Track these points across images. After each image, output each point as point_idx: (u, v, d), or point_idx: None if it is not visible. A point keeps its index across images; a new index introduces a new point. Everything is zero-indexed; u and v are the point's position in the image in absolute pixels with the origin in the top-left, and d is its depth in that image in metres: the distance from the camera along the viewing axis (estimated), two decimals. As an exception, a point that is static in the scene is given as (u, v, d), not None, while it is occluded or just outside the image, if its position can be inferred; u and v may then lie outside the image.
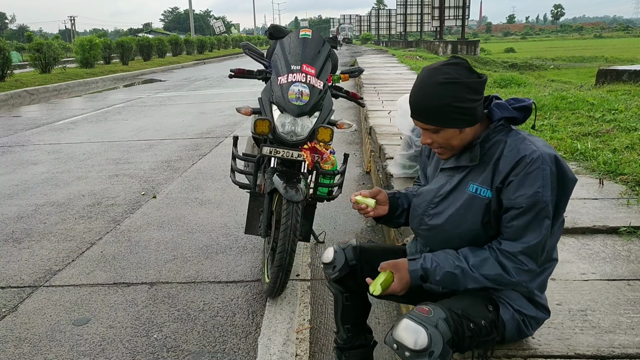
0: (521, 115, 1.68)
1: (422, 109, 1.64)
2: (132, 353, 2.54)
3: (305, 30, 3.10)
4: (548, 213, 1.58)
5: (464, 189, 1.71)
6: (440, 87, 1.60)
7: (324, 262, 1.99)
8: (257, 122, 2.90)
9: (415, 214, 1.85)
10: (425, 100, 1.63)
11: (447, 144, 1.67)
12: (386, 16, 65.40)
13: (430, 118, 1.64)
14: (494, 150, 1.66)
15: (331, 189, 3.18)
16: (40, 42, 20.14)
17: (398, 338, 1.49)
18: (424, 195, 1.84)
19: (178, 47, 36.04)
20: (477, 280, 1.63)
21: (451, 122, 1.63)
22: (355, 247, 1.96)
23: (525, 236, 1.59)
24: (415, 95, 1.67)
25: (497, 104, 1.70)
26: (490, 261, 1.62)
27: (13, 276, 3.42)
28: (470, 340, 1.56)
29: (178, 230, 4.16)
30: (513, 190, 1.59)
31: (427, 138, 1.69)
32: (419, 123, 1.69)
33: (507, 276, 1.61)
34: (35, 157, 7.09)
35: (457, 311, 1.56)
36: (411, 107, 1.69)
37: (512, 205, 1.59)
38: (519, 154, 1.60)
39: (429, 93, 1.62)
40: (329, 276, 1.98)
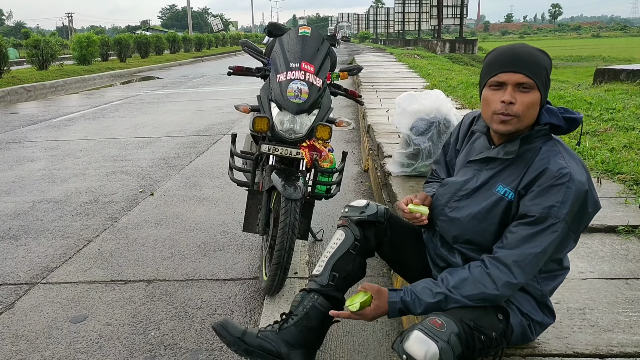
0: (566, 125, 1.66)
1: (525, 61, 1.59)
2: (129, 350, 2.54)
3: (304, 27, 3.10)
4: (558, 229, 1.55)
5: (492, 189, 1.69)
6: (540, 52, 1.64)
7: (352, 205, 1.97)
8: (255, 119, 2.89)
9: (438, 203, 1.85)
10: (529, 54, 1.62)
11: (526, 110, 1.60)
12: (384, 15, 65.30)
13: (531, 70, 1.59)
14: (530, 155, 1.64)
15: (329, 187, 3.17)
16: (37, 39, 20.04)
17: (408, 349, 1.47)
18: (449, 186, 1.83)
19: (176, 45, 35.96)
20: (459, 302, 1.61)
21: (542, 83, 1.60)
22: (387, 210, 1.98)
23: (523, 246, 1.57)
24: (516, 49, 1.63)
25: (548, 109, 1.67)
26: (469, 281, 1.60)
27: (10, 273, 3.41)
28: (481, 352, 1.56)
29: (175, 228, 4.15)
30: (531, 198, 1.58)
31: (512, 96, 1.59)
32: (511, 75, 1.59)
33: (489, 291, 1.59)
34: (32, 153, 7.07)
35: (469, 323, 1.54)
36: (510, 58, 1.61)
37: (525, 212, 1.58)
38: (548, 165, 1.58)
39: (531, 50, 1.63)
40: (350, 219, 1.93)
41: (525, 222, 1.58)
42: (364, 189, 4.95)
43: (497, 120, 1.63)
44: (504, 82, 1.60)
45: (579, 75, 20.56)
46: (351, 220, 1.91)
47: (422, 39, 45.80)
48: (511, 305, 1.70)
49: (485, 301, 1.60)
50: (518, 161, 1.66)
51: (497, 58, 1.65)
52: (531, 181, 1.60)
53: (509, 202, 1.65)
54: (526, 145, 1.65)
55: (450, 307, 1.61)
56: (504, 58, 1.62)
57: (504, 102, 1.59)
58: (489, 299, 1.60)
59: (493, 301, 1.61)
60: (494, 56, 1.67)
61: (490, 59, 1.69)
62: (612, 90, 8.99)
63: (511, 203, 1.65)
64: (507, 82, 1.60)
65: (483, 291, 1.58)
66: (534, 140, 1.65)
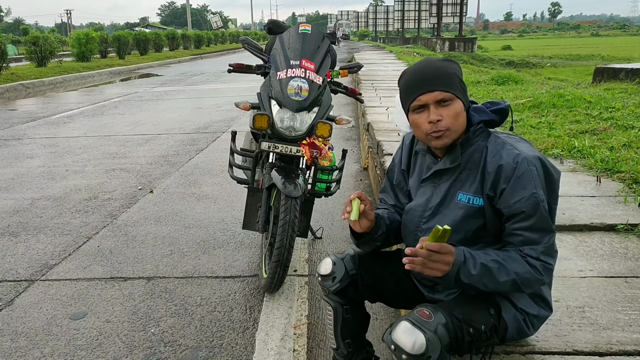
0: (498, 117, 1.71)
1: (435, 78, 1.63)
2: (129, 347, 2.54)
3: (304, 25, 3.09)
4: (547, 210, 1.59)
5: (454, 199, 1.71)
6: (444, 61, 1.70)
7: (321, 274, 1.90)
8: (256, 117, 2.89)
9: (408, 231, 1.84)
10: (436, 70, 1.65)
11: (455, 121, 1.63)
12: (384, 13, 65.25)
13: (445, 85, 1.63)
14: (478, 156, 1.67)
15: (329, 185, 3.17)
16: (36, 36, 20.02)
17: (396, 340, 1.48)
18: (413, 211, 1.82)
19: (175, 42, 35.93)
20: (509, 274, 1.56)
21: (459, 91, 1.65)
22: (354, 256, 1.91)
23: (540, 238, 1.58)
24: (423, 69, 1.67)
25: (475, 108, 1.72)
26: (519, 260, 1.58)
27: (9, 270, 3.41)
28: (470, 345, 1.56)
29: (175, 225, 4.15)
30: (509, 197, 1.59)
31: (436, 115, 1.62)
32: (430, 95, 1.63)
33: (537, 275, 1.58)
34: (32, 150, 7.06)
35: (458, 316, 1.55)
36: (421, 81, 1.65)
37: (513, 212, 1.59)
38: (502, 160, 1.61)
39: (437, 65, 1.67)
40: (327, 289, 1.90)
41: (520, 218, 1.59)
42: (363, 186, 4.95)
43: (431, 139, 1.68)
44: (425, 104, 1.65)
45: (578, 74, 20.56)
46: (330, 291, 1.91)
47: (421, 37, 45.74)
48: (503, 300, 1.70)
49: (530, 283, 1.58)
50: (469, 165, 1.68)
51: (411, 82, 1.69)
52: (495, 181, 1.61)
53: (479, 208, 1.66)
54: (468, 148, 1.69)
55: (501, 280, 1.56)
56: (416, 80, 1.67)
57: (432, 122, 1.64)
58: (533, 282, 1.59)
59: (536, 285, 1.61)
60: (406, 81, 1.72)
61: (404, 84, 1.73)
62: (612, 89, 8.99)
63: (482, 208, 1.66)
64: (427, 103, 1.65)
65: (530, 271, 1.57)
66: (474, 141, 1.69)
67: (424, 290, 1.86)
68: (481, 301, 1.67)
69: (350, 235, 1.94)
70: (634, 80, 10.05)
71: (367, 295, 1.93)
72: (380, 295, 1.95)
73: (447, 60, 1.71)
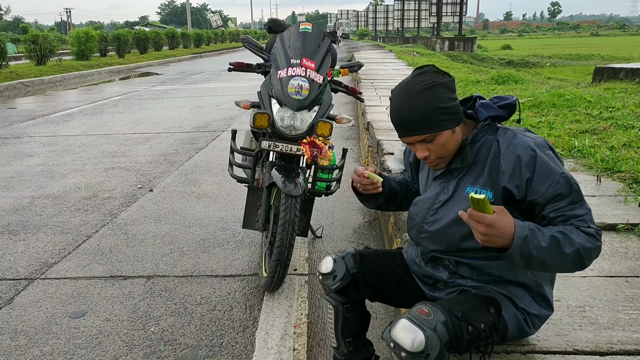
0: (505, 112, 1.70)
1: (412, 122, 1.61)
2: (128, 346, 2.53)
3: (305, 24, 3.09)
4: (577, 184, 1.58)
5: (462, 193, 1.70)
6: (421, 94, 1.60)
7: (322, 272, 1.90)
8: (256, 115, 2.88)
9: (414, 223, 1.84)
10: (412, 112, 1.60)
11: (444, 150, 1.65)
12: (383, 12, 65.19)
13: (423, 127, 1.61)
14: (486, 150, 1.67)
15: (329, 184, 3.17)
16: (35, 34, 19.97)
17: (395, 337, 1.48)
18: (421, 203, 1.82)
19: (175, 41, 35.88)
20: (573, 244, 1.48)
21: (443, 124, 1.61)
22: (355, 255, 1.91)
23: (581, 210, 1.56)
24: (399, 111, 1.64)
25: (482, 103, 1.71)
26: (575, 231, 1.52)
27: (9, 268, 3.40)
28: (469, 343, 1.55)
29: (175, 224, 4.15)
30: (539, 185, 1.56)
31: (424, 151, 1.65)
32: (411, 138, 1.65)
33: (595, 242, 1.52)
34: (31, 149, 7.05)
35: (457, 314, 1.55)
36: (399, 126, 1.65)
37: (549, 198, 1.56)
38: (518, 150, 1.60)
39: (413, 104, 1.60)
40: (328, 287, 1.90)
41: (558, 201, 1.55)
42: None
43: (429, 166, 1.74)
44: (410, 142, 1.68)
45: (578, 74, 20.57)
46: (330, 289, 1.91)
47: (421, 36, 45.72)
48: (504, 299, 1.70)
49: (590, 253, 1.52)
50: (477, 160, 1.68)
51: (393, 121, 1.70)
52: (515, 172, 1.59)
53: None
54: (476, 145, 1.68)
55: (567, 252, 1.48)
56: (397, 124, 1.67)
57: (420, 158, 1.69)
58: (593, 251, 1.52)
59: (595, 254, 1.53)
60: (391, 119, 1.71)
61: (391, 120, 1.73)
62: (611, 88, 8.99)
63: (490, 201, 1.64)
64: (411, 142, 1.68)
65: (588, 239, 1.51)
66: (481, 137, 1.68)
67: (425, 288, 1.86)
68: (481, 300, 1.66)
69: (352, 189, 2.01)
70: (633, 80, 10.05)
71: (368, 294, 1.93)
72: (381, 294, 1.94)
73: (426, 88, 1.60)
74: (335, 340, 1.98)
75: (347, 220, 4.17)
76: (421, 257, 1.85)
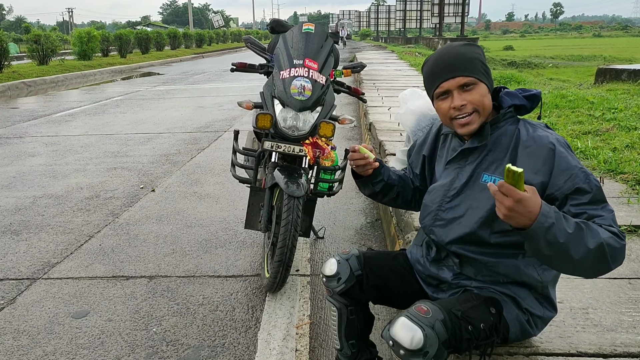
0: (529, 104, 1.71)
1: (457, 63, 1.64)
2: (131, 346, 2.53)
3: (308, 24, 3.08)
4: (598, 181, 1.55)
5: (478, 180, 1.69)
6: (465, 46, 1.69)
7: (326, 275, 1.89)
8: (258, 116, 2.88)
9: (429, 211, 1.83)
10: (457, 55, 1.65)
11: (480, 103, 1.63)
12: (385, 12, 65.19)
13: (467, 69, 1.63)
14: (506, 139, 1.66)
15: (332, 185, 3.17)
16: (38, 34, 20.01)
17: (394, 335, 1.49)
18: (436, 191, 1.82)
19: (176, 41, 35.93)
20: (597, 237, 1.40)
21: (483, 76, 1.65)
22: (359, 256, 1.90)
23: (603, 210, 1.51)
24: (443, 56, 1.68)
25: (507, 92, 1.73)
26: (598, 227, 1.45)
27: (11, 268, 3.41)
28: (468, 342, 1.55)
29: (177, 224, 4.15)
30: (557, 178, 1.54)
31: (461, 99, 1.63)
32: (453, 81, 1.63)
33: (620, 240, 1.45)
34: (33, 149, 7.06)
35: (457, 313, 1.55)
36: (443, 68, 1.66)
37: (567, 192, 1.52)
38: (539, 144, 1.59)
39: (458, 50, 1.67)
40: (332, 289, 1.89)
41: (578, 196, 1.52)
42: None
43: (458, 126, 1.68)
44: (448, 90, 1.66)
45: (580, 75, 20.52)
46: (334, 292, 1.89)
47: (423, 37, 45.69)
48: (506, 300, 1.69)
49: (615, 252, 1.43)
50: (495, 147, 1.67)
51: (432, 69, 1.70)
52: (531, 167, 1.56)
53: None
54: (497, 130, 1.68)
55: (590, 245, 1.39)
56: (438, 67, 1.68)
57: (456, 107, 1.65)
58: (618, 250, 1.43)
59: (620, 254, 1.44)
60: (428, 68, 1.72)
61: (426, 71, 1.74)
62: (614, 90, 8.98)
63: None
64: (450, 89, 1.66)
65: (611, 236, 1.44)
66: (502, 123, 1.68)
67: (428, 289, 1.85)
68: (482, 300, 1.66)
69: (352, 174, 2.02)
70: (636, 81, 10.04)
71: (373, 296, 1.92)
72: (386, 295, 1.94)
73: (469, 44, 1.70)
74: (339, 342, 1.97)
75: (350, 221, 4.17)
76: (426, 258, 1.85)
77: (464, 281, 1.74)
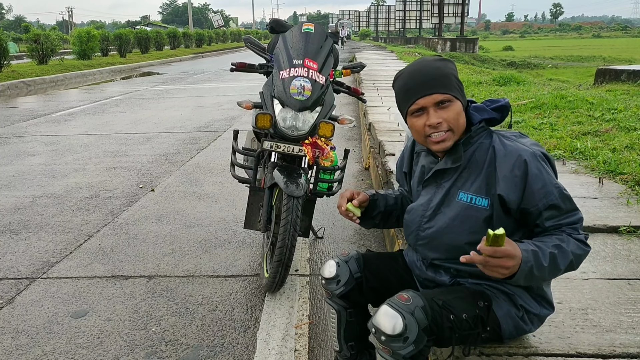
0: (499, 115, 1.70)
1: (433, 80, 1.62)
2: (130, 346, 2.53)
3: (308, 24, 3.08)
4: (568, 193, 1.61)
5: (454, 199, 1.69)
6: (439, 62, 1.67)
7: (325, 277, 1.88)
8: (258, 116, 2.88)
9: (410, 230, 1.83)
10: (433, 71, 1.63)
11: (456, 122, 1.62)
12: (385, 12, 65.25)
13: (443, 86, 1.61)
14: (481, 155, 1.66)
15: (331, 185, 3.17)
16: (37, 33, 20.01)
17: (376, 323, 1.52)
18: (415, 211, 1.82)
19: (176, 40, 35.92)
20: (568, 256, 1.53)
21: (458, 91, 1.64)
22: (359, 258, 1.89)
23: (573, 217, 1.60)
24: (418, 71, 1.65)
25: (475, 107, 1.71)
26: (568, 239, 1.56)
27: (10, 268, 3.40)
28: (451, 331, 1.56)
29: (176, 224, 4.14)
30: (532, 196, 1.58)
31: (437, 117, 1.61)
32: (429, 98, 1.61)
33: (585, 247, 1.57)
34: (32, 148, 7.05)
35: (438, 302, 1.57)
36: (416, 84, 1.63)
37: (541, 209, 1.58)
38: (513, 158, 1.60)
39: (433, 66, 1.65)
40: (331, 292, 1.88)
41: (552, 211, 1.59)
42: (364, 186, 4.94)
43: (432, 143, 1.66)
44: (424, 107, 1.63)
45: (580, 76, 20.56)
46: (334, 294, 1.89)
47: (422, 37, 45.71)
48: (497, 295, 1.69)
49: (580, 258, 1.57)
50: (470, 165, 1.67)
51: (407, 85, 1.66)
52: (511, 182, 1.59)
53: (482, 209, 1.63)
54: (470, 147, 1.68)
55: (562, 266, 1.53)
56: (414, 83, 1.64)
57: (431, 125, 1.62)
58: (583, 256, 1.58)
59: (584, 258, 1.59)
60: (403, 83, 1.68)
61: (400, 87, 1.70)
62: (613, 90, 8.98)
63: (487, 209, 1.63)
64: (426, 106, 1.63)
65: (580, 245, 1.56)
66: (476, 139, 1.68)
67: None
68: (469, 292, 1.67)
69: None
70: (635, 82, 10.04)
71: (372, 299, 1.92)
72: (385, 297, 1.93)
73: (442, 59, 1.68)
74: (338, 343, 1.97)
75: (348, 221, 4.15)
76: (422, 262, 1.85)
77: (461, 280, 1.75)
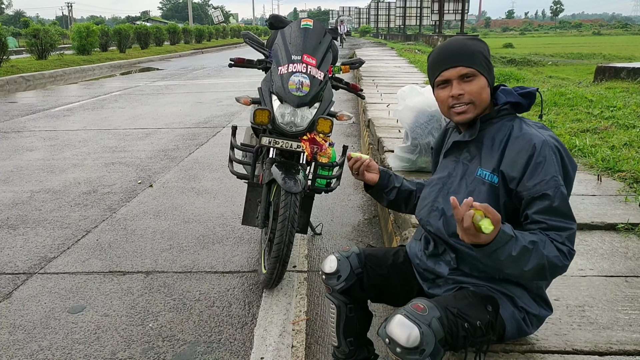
0: (526, 102, 1.72)
1: (460, 54, 1.68)
2: (127, 342, 2.53)
3: (306, 20, 3.07)
4: (566, 197, 1.58)
5: (474, 174, 1.71)
6: (471, 40, 1.73)
7: (325, 272, 1.88)
8: (256, 112, 2.87)
9: (425, 203, 1.84)
10: (460, 45, 1.70)
11: (478, 96, 1.67)
12: (385, 9, 65.16)
13: (469, 60, 1.67)
14: (500, 135, 1.68)
15: (329, 181, 3.17)
16: (37, 28, 19.95)
17: (390, 333, 1.48)
18: (434, 183, 1.84)
19: (176, 36, 35.84)
20: (541, 258, 1.50)
21: (484, 70, 1.68)
22: (360, 254, 1.89)
23: (563, 224, 1.55)
24: (447, 45, 1.73)
25: (503, 89, 1.75)
26: (549, 243, 1.53)
27: (7, 263, 3.40)
28: (465, 339, 1.54)
29: (174, 220, 4.14)
30: (529, 179, 1.58)
31: (459, 89, 1.67)
32: (454, 70, 1.67)
33: (563, 260, 1.53)
34: (31, 143, 7.04)
35: (453, 310, 1.54)
36: (446, 57, 1.70)
37: (533, 195, 1.56)
38: (524, 140, 1.62)
39: (462, 41, 1.71)
40: (332, 287, 1.87)
41: (541, 202, 1.56)
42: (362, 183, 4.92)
43: (454, 114, 1.72)
44: (448, 79, 1.70)
45: (580, 73, 20.52)
46: (334, 289, 1.88)
47: (423, 34, 45.63)
48: (502, 298, 1.69)
49: (555, 269, 1.54)
50: (491, 143, 1.70)
51: (436, 58, 1.75)
52: (515, 161, 1.61)
53: (493, 185, 1.65)
54: (491, 126, 1.71)
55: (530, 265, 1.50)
56: (441, 57, 1.73)
57: (453, 96, 1.69)
58: (559, 268, 1.54)
59: (559, 271, 1.56)
60: (433, 57, 1.77)
61: (430, 60, 1.78)
62: (613, 88, 8.97)
63: (496, 187, 1.64)
64: (450, 78, 1.70)
65: (558, 255, 1.52)
66: (497, 120, 1.71)
67: (424, 285, 1.85)
68: (478, 297, 1.66)
69: (364, 187, 2.09)
70: (635, 80, 10.03)
71: (373, 295, 1.92)
72: (386, 293, 1.93)
73: (475, 39, 1.75)
74: (337, 339, 1.97)
75: (347, 217, 4.16)
76: (424, 252, 1.85)
77: (459, 277, 1.74)
